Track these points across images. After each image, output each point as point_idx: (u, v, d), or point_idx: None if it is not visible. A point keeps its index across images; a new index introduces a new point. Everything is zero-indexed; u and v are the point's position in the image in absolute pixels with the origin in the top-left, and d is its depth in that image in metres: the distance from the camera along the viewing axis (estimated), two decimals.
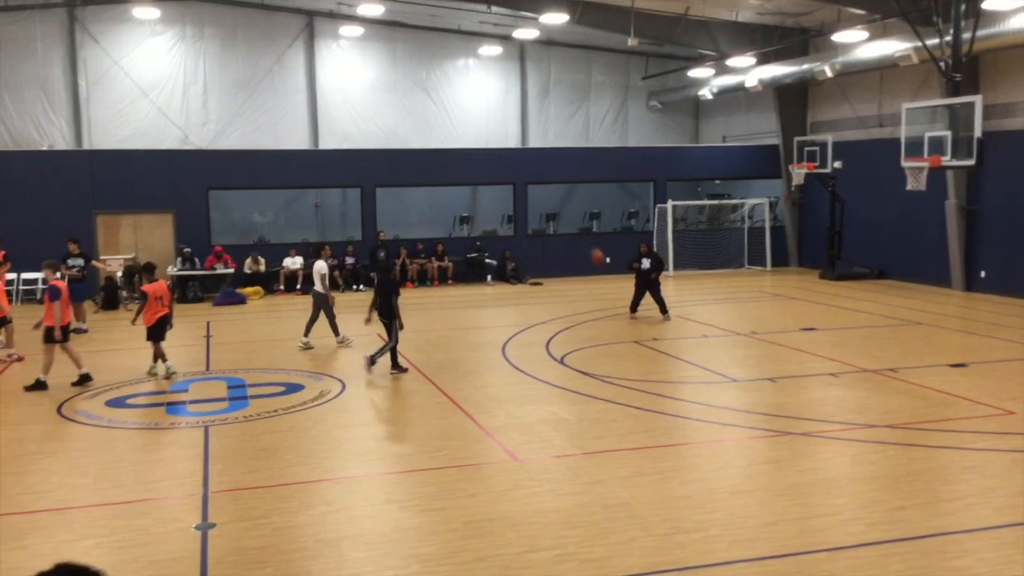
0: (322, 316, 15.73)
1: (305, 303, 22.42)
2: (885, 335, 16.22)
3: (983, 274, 21.09)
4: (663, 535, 7.19)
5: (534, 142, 30.70)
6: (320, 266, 15.96)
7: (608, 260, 19.10)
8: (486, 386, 12.93)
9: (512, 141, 30.60)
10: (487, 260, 25.74)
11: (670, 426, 10.57)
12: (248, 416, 11.19)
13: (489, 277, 25.56)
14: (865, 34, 21.69)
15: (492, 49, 29.35)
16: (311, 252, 20.43)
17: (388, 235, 25.24)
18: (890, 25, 21.21)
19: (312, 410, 11.46)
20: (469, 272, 25.59)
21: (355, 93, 28.97)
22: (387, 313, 13.46)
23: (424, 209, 27.85)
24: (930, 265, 22.29)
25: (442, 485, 8.55)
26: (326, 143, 28.21)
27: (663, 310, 18.14)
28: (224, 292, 22.61)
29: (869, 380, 12.55)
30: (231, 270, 23.41)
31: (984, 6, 16.93)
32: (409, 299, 20.46)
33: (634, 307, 18.46)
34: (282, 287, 23.91)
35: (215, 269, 23.26)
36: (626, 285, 24.28)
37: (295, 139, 27.88)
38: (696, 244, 27.54)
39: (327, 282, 16.03)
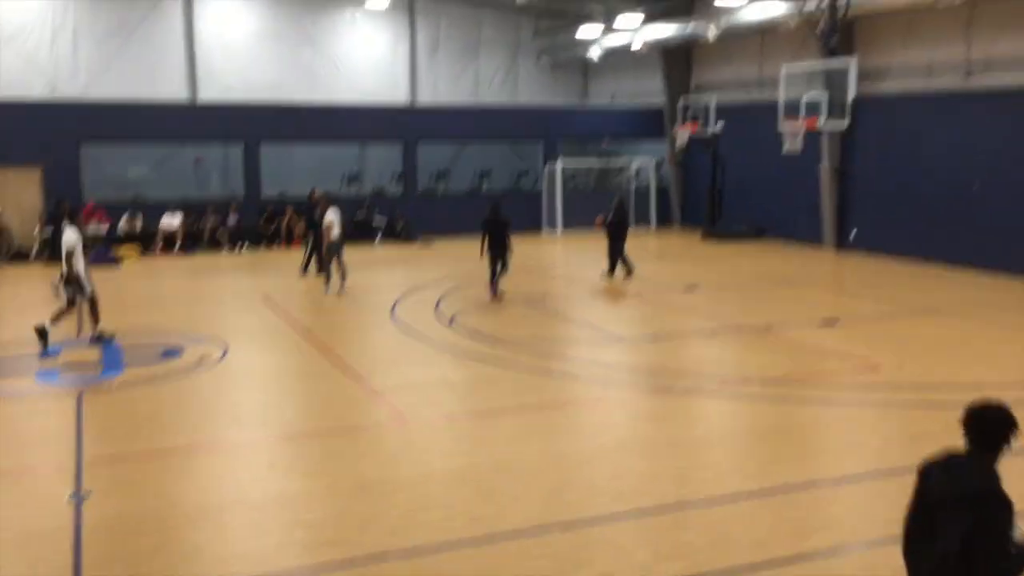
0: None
1: (186, 264, 21.75)
2: (762, 293, 16.84)
3: (853, 233, 22.10)
4: (549, 491, 7.33)
5: (424, 98, 30.27)
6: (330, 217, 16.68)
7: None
8: (374, 348, 12.84)
9: (401, 96, 30.11)
10: (376, 219, 25.39)
11: (557, 385, 10.73)
12: (124, 382, 10.79)
13: (378, 237, 25.25)
14: None
15: (380, 2, 28.70)
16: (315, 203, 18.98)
17: (272, 193, 24.61)
18: None
19: (192, 374, 11.13)
20: (358, 232, 25.18)
21: (237, 43, 27.86)
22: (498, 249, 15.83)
23: (311, 166, 27.15)
24: (805, 225, 23.18)
25: (328, 449, 8.47)
26: (206, 95, 27.09)
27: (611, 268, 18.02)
28: (96, 252, 21.58)
29: (746, 336, 13.02)
30: (105, 227, 22.37)
31: None
32: (296, 259, 20.04)
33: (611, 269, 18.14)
34: (160, 247, 23.02)
35: (87, 227, 22.17)
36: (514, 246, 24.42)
37: (172, 90, 26.64)
38: (585, 204, 27.81)
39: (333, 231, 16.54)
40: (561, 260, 21.07)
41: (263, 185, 25.09)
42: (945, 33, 19.33)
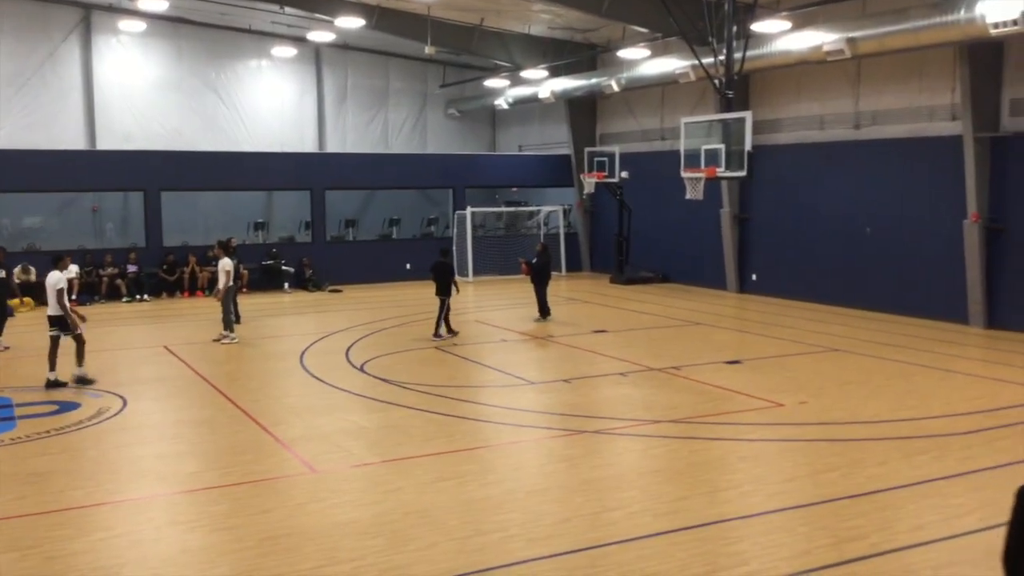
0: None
1: (83, 314, 20.89)
2: (669, 335, 17.18)
3: (754, 276, 22.82)
4: (463, 538, 7.24)
5: (332, 148, 30.18)
6: (226, 263, 16.60)
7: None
8: (282, 397, 12.55)
9: (309, 146, 29.95)
10: (284, 267, 25.02)
11: (469, 430, 10.67)
12: (16, 438, 10.27)
13: (287, 284, 24.86)
14: (648, 51, 22.93)
15: (286, 51, 28.61)
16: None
17: (175, 242, 24.06)
18: (670, 44, 22.53)
19: (89, 429, 10.67)
20: (265, 279, 24.76)
21: (137, 92, 27.35)
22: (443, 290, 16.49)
23: (216, 214, 26.66)
24: (708, 269, 23.84)
25: (234, 502, 8.20)
26: (105, 144, 26.42)
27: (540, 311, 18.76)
28: None
29: (655, 378, 13.24)
30: None
31: (754, 28, 18.32)
32: (199, 308, 19.53)
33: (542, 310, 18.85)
34: None
35: None
36: (424, 292, 24.39)
37: (69, 139, 25.93)
38: (495, 250, 28.04)
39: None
40: (472, 305, 21.09)
41: (165, 233, 24.48)
42: (835, 87, 20.34)
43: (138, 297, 22.81)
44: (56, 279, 12.94)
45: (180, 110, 28.00)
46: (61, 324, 12.89)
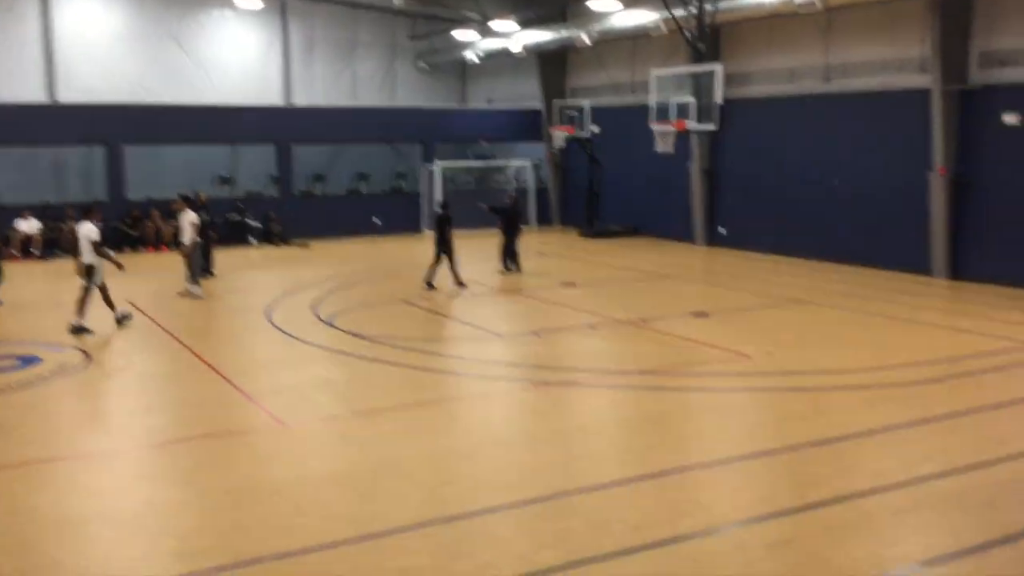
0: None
1: (45, 269, 20.61)
2: (637, 288, 17.24)
3: (723, 230, 22.90)
4: (431, 487, 7.27)
5: (299, 100, 29.68)
6: (191, 217, 16.38)
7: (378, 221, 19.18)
8: (249, 350, 12.48)
9: (275, 99, 29.41)
10: (250, 221, 24.72)
11: (438, 382, 10.68)
12: None
13: (252, 240, 24.59)
14: (619, 4, 22.67)
15: (251, 1, 27.96)
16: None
17: (139, 196, 23.68)
18: None
19: (51, 383, 10.53)
20: (231, 234, 24.45)
21: (98, 43, 26.64)
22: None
23: (180, 168, 26.16)
24: (677, 223, 23.88)
25: (200, 456, 8.16)
26: (66, 96, 25.80)
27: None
28: None
29: (623, 330, 13.29)
30: None
31: None
32: (165, 263, 19.30)
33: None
34: (15, 252, 21.77)
35: None
36: (392, 247, 24.28)
37: (28, 92, 25.25)
38: (466, 204, 27.81)
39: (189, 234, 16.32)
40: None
41: (128, 188, 24.05)
42: (805, 40, 20.27)
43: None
44: (89, 229, 13.22)
45: (143, 62, 27.35)
46: (89, 273, 13.17)
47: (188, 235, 16.34)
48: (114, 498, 7.21)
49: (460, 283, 16.85)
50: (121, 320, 13.60)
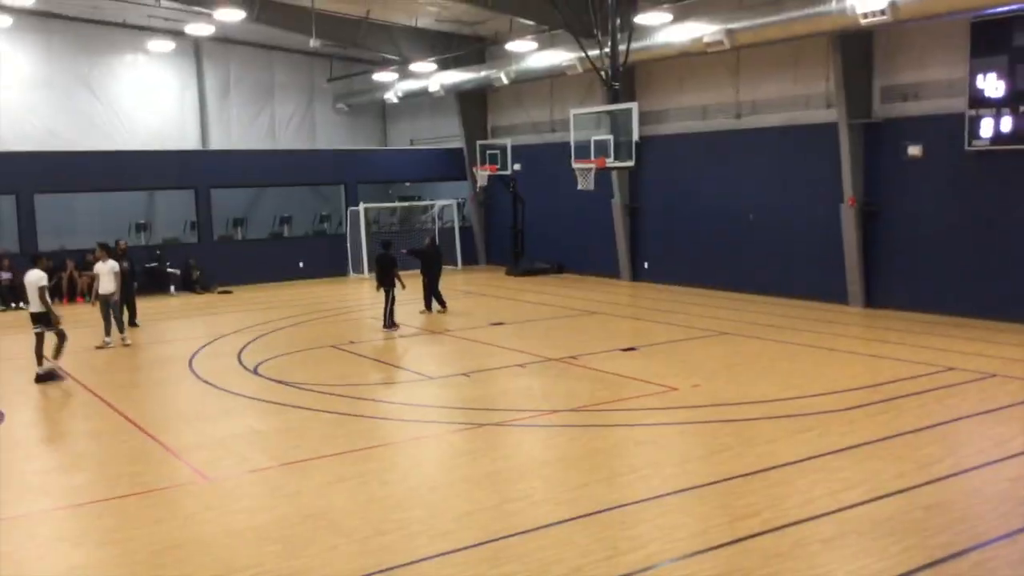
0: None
1: None
2: (566, 325, 17.37)
3: (646, 265, 23.28)
4: (364, 538, 7.14)
5: (216, 144, 29.29)
6: (111, 266, 16.25)
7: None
8: (171, 403, 12.14)
9: (191, 143, 28.98)
10: (169, 269, 24.16)
11: (369, 428, 10.54)
12: None
13: (172, 288, 24.02)
14: (535, 44, 23.07)
15: (164, 44, 27.57)
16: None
17: (52, 246, 22.94)
18: (557, 36, 22.73)
19: None
20: (150, 282, 23.84)
21: (6, 90, 25.93)
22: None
23: (94, 216, 25.49)
24: (602, 258, 24.20)
25: (123, 515, 7.87)
26: None
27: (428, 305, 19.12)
28: None
29: (553, 368, 13.35)
30: None
31: (637, 20, 18.65)
32: (79, 315, 18.68)
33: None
34: None
35: None
36: (318, 290, 23.99)
37: None
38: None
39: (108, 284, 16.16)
40: (368, 302, 20.82)
41: (40, 238, 23.29)
42: (716, 78, 20.91)
43: (14, 305, 21.63)
44: (38, 276, 13.37)
45: (53, 109, 26.70)
46: (45, 320, 13.31)
47: (113, 284, 15.94)
48: (34, 564, 6.89)
49: (392, 323, 16.88)
50: (44, 377, 13.18)
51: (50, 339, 13.46)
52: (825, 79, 18.53)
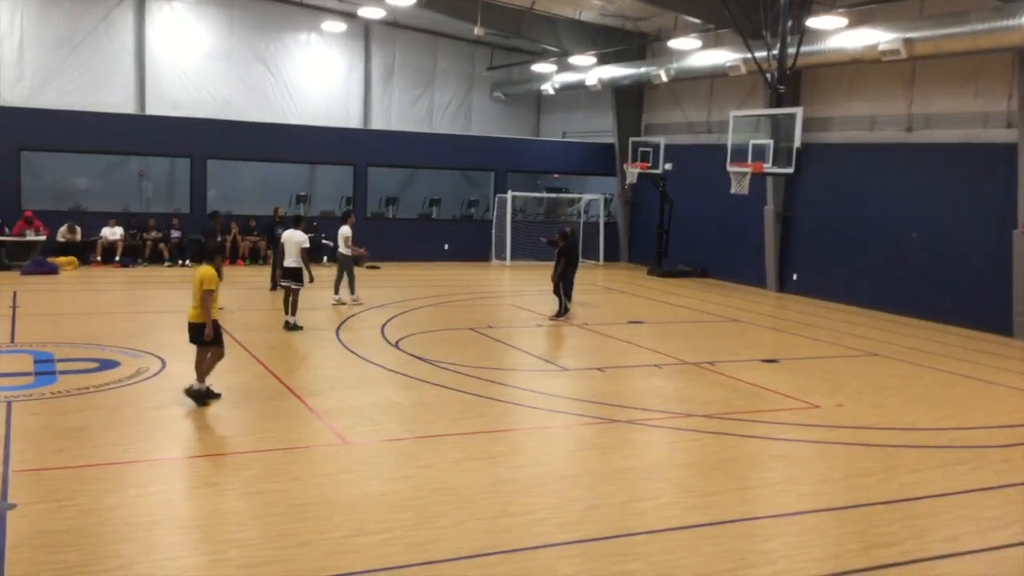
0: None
1: (126, 276, 21.30)
2: (705, 330, 17.05)
3: (795, 276, 22.54)
4: (490, 519, 7.25)
5: (376, 125, 30.25)
6: (344, 229, 17.95)
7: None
8: (317, 368, 12.66)
9: (354, 122, 30.02)
10: (324, 240, 25.14)
11: (501, 412, 10.68)
12: (56, 392, 10.46)
13: (324, 258, 25.00)
14: (699, 43, 22.66)
15: (336, 25, 28.67)
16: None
17: (217, 208, 24.28)
18: (722, 36, 22.25)
19: (128, 388, 10.83)
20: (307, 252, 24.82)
21: (188, 59, 27.58)
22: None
23: (258, 185, 26.86)
24: (748, 266, 23.59)
25: (266, 468, 8.28)
26: (154, 109, 26.70)
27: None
28: (34, 261, 21.08)
29: (689, 372, 13.14)
30: (43, 237, 21.84)
31: (809, 23, 18.02)
32: (240, 277, 19.72)
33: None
34: (99, 258, 22.52)
35: (24, 236, 21.63)
36: (460, 273, 24.44)
37: (119, 103, 26.21)
38: (534, 235, 27.96)
39: (351, 243, 17.94)
40: (509, 289, 21.10)
41: (208, 201, 24.72)
42: (888, 88, 19.97)
43: (180, 262, 23.07)
44: (301, 238, 15.24)
45: (229, 80, 28.21)
46: (295, 276, 15.01)
47: (343, 246, 17.82)
48: (183, 504, 7.37)
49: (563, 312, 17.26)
50: (293, 327, 14.82)
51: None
52: (1007, 97, 17.38)
